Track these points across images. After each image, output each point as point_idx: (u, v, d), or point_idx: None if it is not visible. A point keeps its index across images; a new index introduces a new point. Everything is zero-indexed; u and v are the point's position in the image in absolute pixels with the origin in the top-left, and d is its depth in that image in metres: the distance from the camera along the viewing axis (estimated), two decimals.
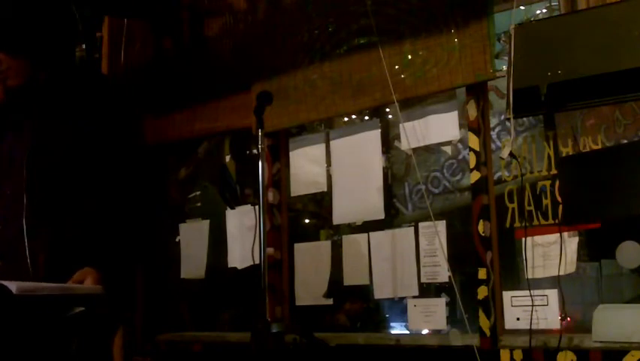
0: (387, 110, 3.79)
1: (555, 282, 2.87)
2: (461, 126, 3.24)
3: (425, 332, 3.34)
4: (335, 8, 3.51)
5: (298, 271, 3.75)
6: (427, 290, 3.40)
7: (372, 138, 3.55)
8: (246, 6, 3.90)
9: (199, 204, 4.40)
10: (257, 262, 2.69)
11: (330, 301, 3.68)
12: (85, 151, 2.29)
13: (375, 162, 3.53)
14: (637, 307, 2.65)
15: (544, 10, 3.14)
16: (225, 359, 3.72)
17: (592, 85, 2.61)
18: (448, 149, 3.57)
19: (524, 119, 3.27)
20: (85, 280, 2.15)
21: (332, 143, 3.69)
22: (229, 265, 3.97)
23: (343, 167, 3.63)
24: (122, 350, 3.94)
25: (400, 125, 3.35)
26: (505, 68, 2.88)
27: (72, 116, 2.32)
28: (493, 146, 3.24)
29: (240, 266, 3.90)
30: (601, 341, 2.65)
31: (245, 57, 3.85)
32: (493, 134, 3.44)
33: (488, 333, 2.98)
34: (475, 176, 3.09)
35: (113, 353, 2.45)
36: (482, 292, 3.02)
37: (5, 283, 1.87)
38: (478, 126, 3.10)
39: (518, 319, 2.96)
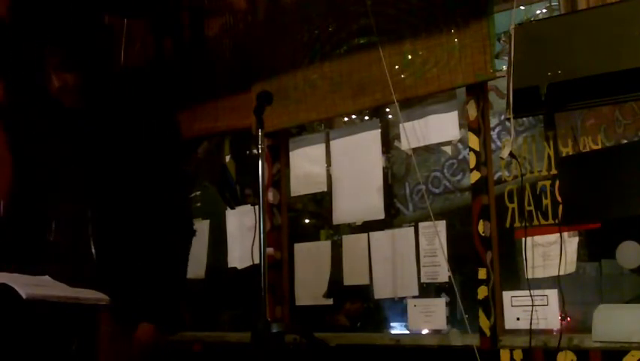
0: (387, 110, 3.79)
1: (555, 282, 2.87)
2: (461, 126, 3.24)
3: (425, 332, 3.34)
4: (335, 8, 3.51)
5: (298, 271, 3.75)
6: (427, 290, 3.40)
7: (372, 138, 3.55)
8: (245, 6, 3.90)
9: (199, 204, 4.40)
10: (257, 262, 2.69)
11: (330, 301, 3.68)
12: (136, 153, 2.38)
13: (375, 162, 3.53)
14: (637, 307, 2.65)
15: (544, 10, 3.14)
16: (225, 359, 3.72)
17: (592, 85, 2.61)
18: (448, 149, 3.57)
19: (524, 119, 3.27)
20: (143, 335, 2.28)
21: (332, 143, 3.69)
22: (229, 265, 3.97)
23: (343, 167, 3.63)
24: None
25: (400, 125, 3.35)
26: (505, 68, 2.88)
27: (120, 120, 2.40)
28: (493, 146, 3.23)
29: (239, 266, 3.90)
30: (601, 341, 2.65)
31: (245, 57, 3.85)
32: (493, 134, 3.44)
33: (488, 333, 2.98)
34: (475, 176, 3.09)
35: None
36: (482, 292, 3.02)
37: (16, 287, 1.87)
38: (478, 126, 3.10)
39: (518, 319, 2.95)
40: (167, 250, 2.40)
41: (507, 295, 3.01)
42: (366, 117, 3.78)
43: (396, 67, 3.24)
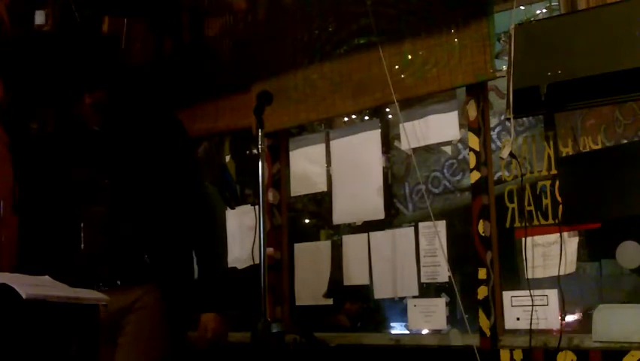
0: (387, 110, 3.79)
1: (555, 282, 2.87)
2: (461, 126, 3.24)
3: (425, 332, 3.34)
4: (335, 8, 3.51)
5: (298, 271, 3.75)
6: (427, 290, 3.39)
7: (372, 138, 3.55)
8: (245, 6, 3.90)
9: None
10: (257, 262, 2.70)
11: (330, 301, 3.68)
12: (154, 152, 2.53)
13: (375, 162, 3.53)
14: (637, 307, 2.65)
15: (544, 10, 3.14)
16: (225, 359, 3.72)
17: (592, 85, 2.61)
18: (448, 149, 3.57)
19: (524, 119, 3.27)
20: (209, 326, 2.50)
21: (332, 143, 3.69)
22: (229, 265, 3.97)
23: (343, 167, 3.63)
24: None
25: (400, 125, 3.35)
26: (505, 68, 2.88)
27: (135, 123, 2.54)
28: (493, 146, 3.23)
29: (240, 266, 3.90)
30: (601, 341, 2.65)
31: (245, 57, 3.85)
32: (493, 134, 3.43)
33: (488, 333, 2.98)
34: (475, 176, 3.09)
35: None
36: (482, 292, 3.02)
37: (16, 287, 1.88)
38: (478, 126, 3.10)
39: (518, 319, 2.95)
40: (207, 242, 2.62)
41: (507, 295, 3.01)
42: (366, 117, 3.78)
43: (396, 67, 3.24)
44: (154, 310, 2.46)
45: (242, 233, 3.91)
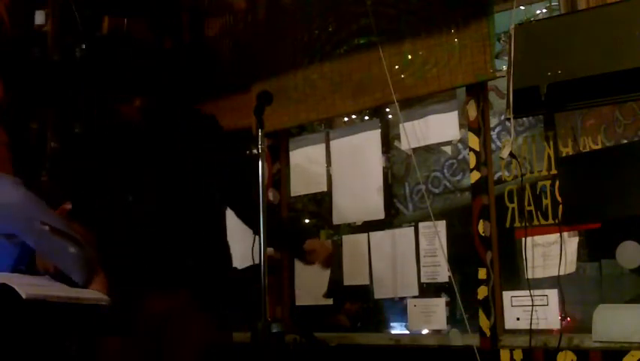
0: (387, 110, 3.79)
1: (555, 282, 2.87)
2: (461, 126, 3.24)
3: (425, 332, 3.34)
4: (335, 8, 3.51)
5: (298, 271, 3.75)
6: (427, 290, 3.40)
7: (372, 138, 3.55)
8: (245, 6, 3.90)
9: None
10: (257, 262, 2.69)
11: (330, 301, 3.67)
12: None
13: (375, 162, 3.53)
14: (637, 308, 2.65)
15: (544, 10, 3.14)
16: (225, 359, 3.72)
17: (592, 85, 2.61)
18: (448, 149, 3.57)
19: (524, 119, 3.27)
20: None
21: (332, 143, 3.69)
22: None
23: (343, 167, 3.63)
24: None
25: (400, 125, 3.35)
26: (505, 68, 2.88)
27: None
28: (493, 146, 3.23)
29: (240, 266, 3.90)
30: (601, 341, 2.65)
31: (245, 57, 3.85)
32: (493, 134, 3.43)
33: (488, 333, 2.98)
34: (475, 176, 3.10)
35: None
36: (482, 292, 3.02)
37: (16, 287, 1.88)
38: (478, 126, 3.10)
39: (518, 319, 2.96)
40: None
41: (507, 295, 3.01)
42: (366, 117, 3.78)
43: (396, 67, 3.24)
44: (200, 313, 2.46)
45: (242, 233, 3.90)
